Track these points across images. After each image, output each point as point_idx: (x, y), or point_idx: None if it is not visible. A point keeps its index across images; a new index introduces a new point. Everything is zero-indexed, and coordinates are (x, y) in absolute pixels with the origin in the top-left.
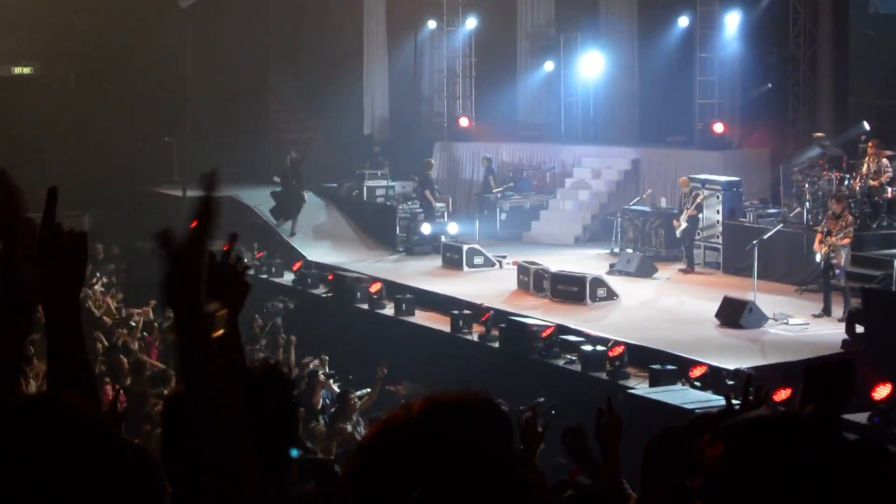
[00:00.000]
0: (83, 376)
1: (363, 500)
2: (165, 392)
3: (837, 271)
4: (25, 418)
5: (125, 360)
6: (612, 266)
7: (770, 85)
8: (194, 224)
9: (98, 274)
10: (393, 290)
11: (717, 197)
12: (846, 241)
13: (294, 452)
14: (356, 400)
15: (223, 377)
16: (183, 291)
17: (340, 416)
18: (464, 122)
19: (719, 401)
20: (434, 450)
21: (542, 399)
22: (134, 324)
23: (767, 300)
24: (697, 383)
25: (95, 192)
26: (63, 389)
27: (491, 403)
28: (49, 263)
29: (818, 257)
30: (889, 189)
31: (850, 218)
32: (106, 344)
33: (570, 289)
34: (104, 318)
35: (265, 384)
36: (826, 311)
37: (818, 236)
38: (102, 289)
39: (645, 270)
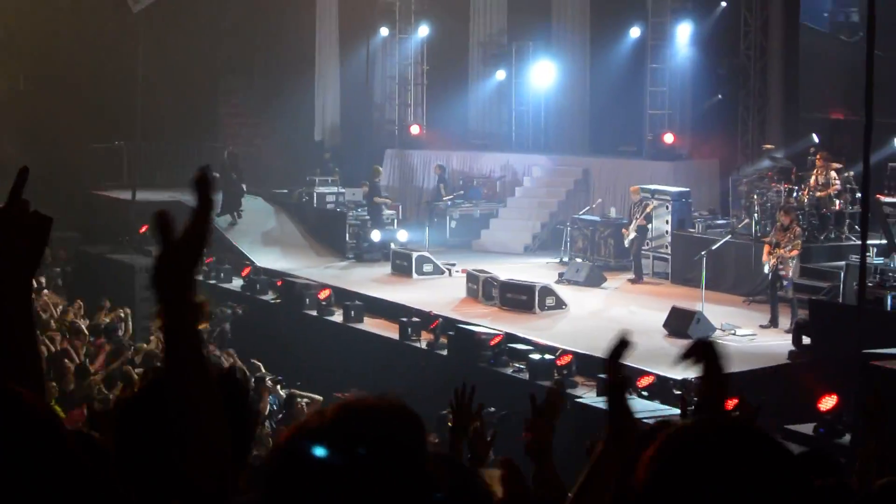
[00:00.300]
0: (32, 362)
1: (275, 501)
2: (112, 396)
3: (785, 283)
4: None
5: (70, 365)
6: (561, 275)
7: (720, 96)
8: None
9: (43, 278)
10: (342, 296)
11: (667, 207)
12: (794, 252)
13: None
14: (303, 404)
15: (208, 368)
16: (177, 279)
17: (287, 420)
18: (415, 129)
19: (666, 410)
20: (345, 453)
21: (492, 409)
22: (78, 329)
23: (715, 311)
24: (645, 393)
25: (44, 195)
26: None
27: (404, 408)
28: (9, 239)
29: (766, 268)
30: (836, 201)
31: (798, 230)
32: (52, 349)
33: (519, 297)
34: (51, 321)
35: (223, 389)
36: (773, 322)
37: (766, 248)
38: (47, 291)
39: (594, 280)
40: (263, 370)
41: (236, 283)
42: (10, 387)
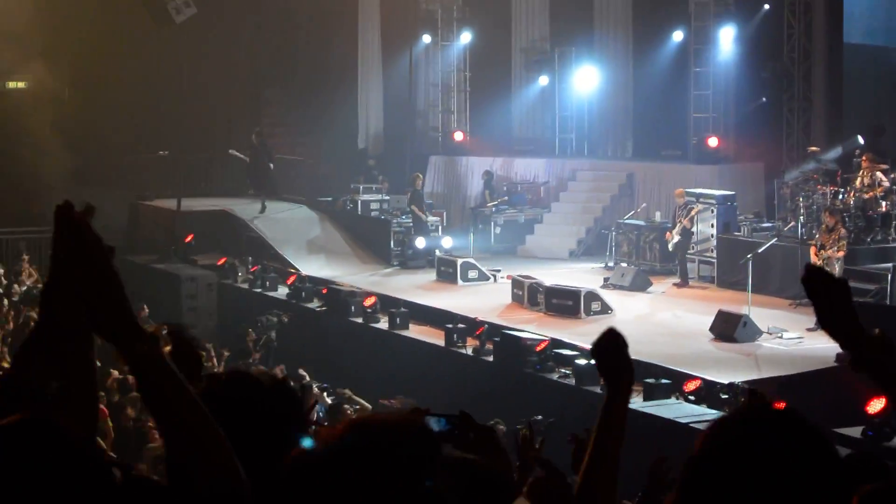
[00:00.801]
0: (88, 379)
1: None
2: None
3: None
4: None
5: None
6: (606, 280)
7: (764, 99)
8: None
9: None
10: (387, 303)
11: (712, 211)
12: (840, 254)
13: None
14: (352, 412)
15: (187, 392)
16: (108, 313)
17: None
18: (458, 136)
19: (714, 415)
20: (352, 470)
21: (539, 417)
22: None
23: (762, 314)
24: (692, 397)
25: (91, 205)
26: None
27: (418, 425)
28: (85, 249)
29: None
30: (883, 203)
31: (844, 231)
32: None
33: (565, 303)
34: None
35: (273, 398)
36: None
37: (812, 249)
38: None
39: (639, 284)
40: (309, 378)
41: (282, 292)
42: (51, 419)
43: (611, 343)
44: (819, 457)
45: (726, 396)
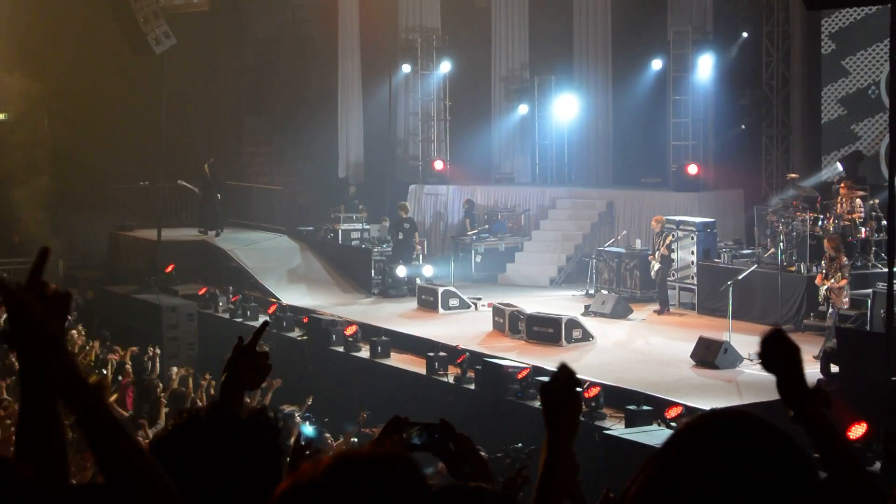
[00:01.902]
0: (54, 440)
1: None
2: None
3: (831, 310)
4: None
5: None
6: (587, 307)
7: (743, 126)
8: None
9: (71, 317)
10: (368, 332)
11: (692, 238)
12: (843, 282)
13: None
14: (332, 441)
15: (147, 465)
16: (54, 371)
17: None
18: (438, 165)
19: None
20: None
21: (519, 445)
22: (105, 371)
23: (742, 340)
24: (673, 424)
25: (69, 237)
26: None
27: (402, 459)
28: (27, 323)
29: (821, 297)
30: (862, 229)
31: (844, 259)
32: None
33: (546, 330)
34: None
35: (252, 429)
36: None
37: (819, 278)
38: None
39: (620, 312)
40: (302, 409)
41: (262, 321)
42: (9, 463)
43: (563, 381)
44: (793, 462)
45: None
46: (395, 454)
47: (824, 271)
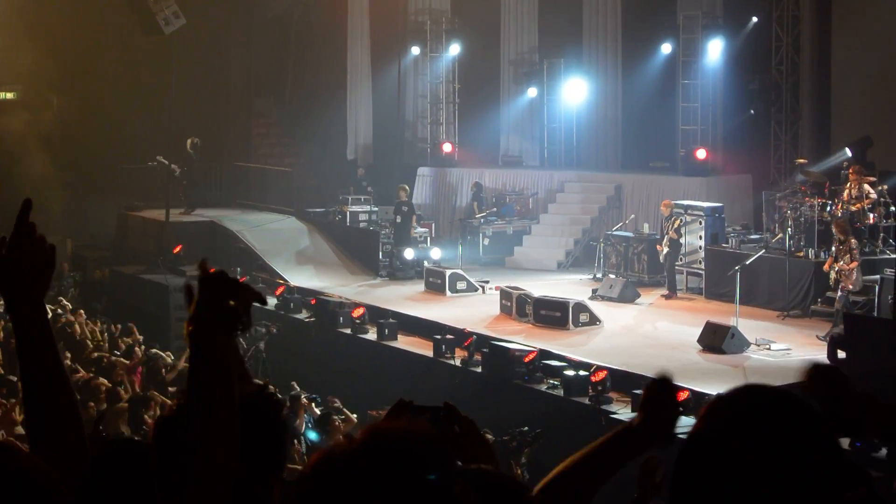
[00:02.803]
0: (58, 382)
1: None
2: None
3: (840, 293)
4: None
5: (103, 383)
6: (594, 291)
7: (752, 111)
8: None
9: (63, 295)
10: (375, 314)
11: (700, 223)
12: (854, 264)
13: (313, 436)
14: (339, 423)
15: (233, 392)
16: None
17: (327, 438)
18: (447, 147)
19: None
20: (373, 479)
21: (525, 428)
22: (118, 352)
23: (750, 325)
24: (680, 408)
25: (78, 217)
26: (9, 441)
27: (434, 435)
28: (17, 266)
29: (830, 279)
30: (871, 215)
31: (854, 241)
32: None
33: (553, 314)
34: (86, 342)
35: (256, 406)
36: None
37: (829, 261)
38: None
39: (627, 296)
40: (298, 388)
41: (270, 302)
42: (8, 448)
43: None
44: (817, 437)
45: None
46: (428, 430)
47: (834, 255)
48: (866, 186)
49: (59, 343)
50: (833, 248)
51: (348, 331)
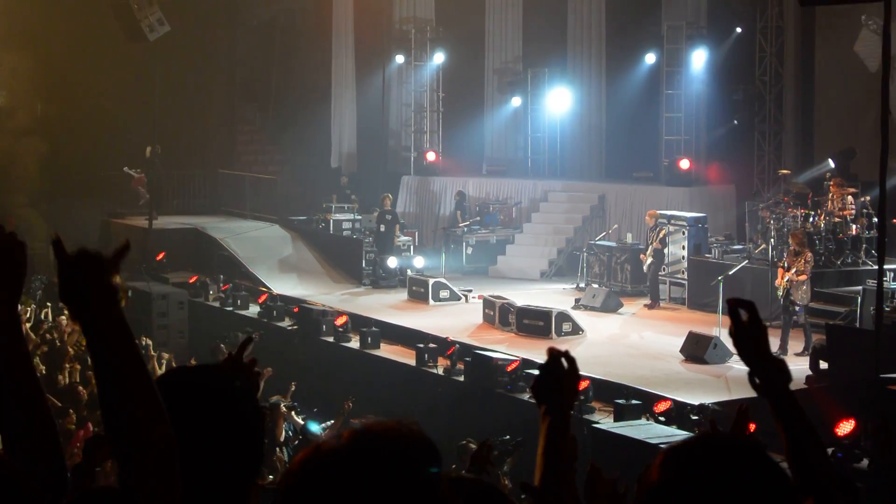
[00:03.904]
0: (28, 386)
1: None
2: None
3: (797, 308)
4: None
5: (83, 391)
6: (577, 301)
7: (736, 122)
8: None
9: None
10: (358, 322)
11: (683, 233)
12: (803, 277)
13: (313, 427)
14: (320, 433)
15: (141, 362)
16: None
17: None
18: (431, 156)
19: (684, 435)
20: (359, 476)
21: (507, 437)
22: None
23: None
24: (662, 418)
25: (61, 223)
26: None
27: (419, 433)
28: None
29: (780, 293)
30: (853, 226)
31: (809, 254)
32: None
33: (536, 323)
34: (69, 349)
35: (235, 410)
36: (782, 349)
37: (780, 272)
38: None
39: (610, 305)
40: (286, 397)
41: (253, 310)
42: None
43: (557, 366)
44: (774, 484)
45: (696, 417)
46: (414, 428)
47: (786, 266)
48: (849, 198)
49: (42, 349)
50: (785, 259)
51: (331, 339)
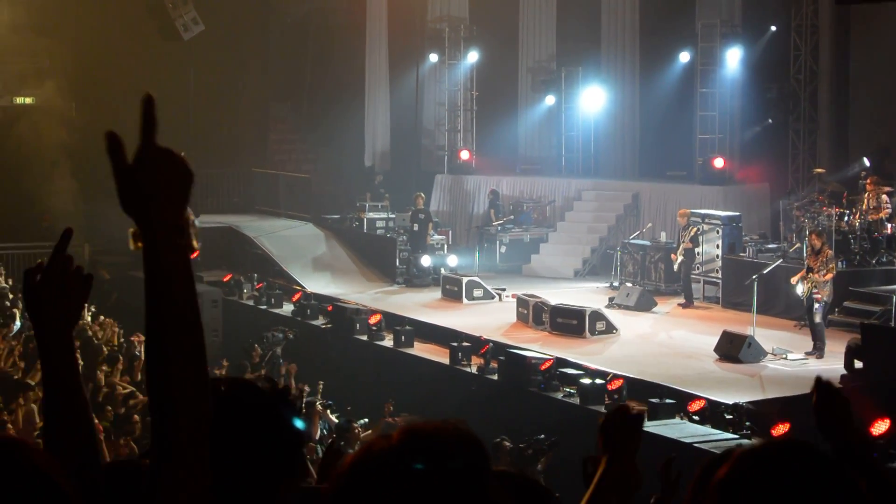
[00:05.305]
0: (79, 413)
1: None
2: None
3: (817, 306)
4: None
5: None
6: (611, 300)
7: (770, 120)
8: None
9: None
10: (392, 321)
11: (717, 231)
12: (828, 276)
13: (299, 424)
14: (360, 429)
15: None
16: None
17: (346, 446)
18: (464, 155)
19: (717, 435)
20: (412, 477)
21: (542, 436)
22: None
23: (766, 335)
24: (696, 417)
25: (97, 222)
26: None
27: (468, 433)
28: (50, 296)
29: (798, 291)
30: (888, 225)
31: (830, 253)
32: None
33: (570, 322)
34: (103, 347)
35: (270, 407)
36: (817, 349)
37: (801, 273)
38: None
39: (644, 304)
40: (314, 395)
41: (287, 309)
42: (19, 444)
43: (623, 419)
44: (844, 493)
45: (730, 417)
46: (462, 428)
47: (807, 266)
48: (884, 196)
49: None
50: (806, 259)
51: (365, 337)
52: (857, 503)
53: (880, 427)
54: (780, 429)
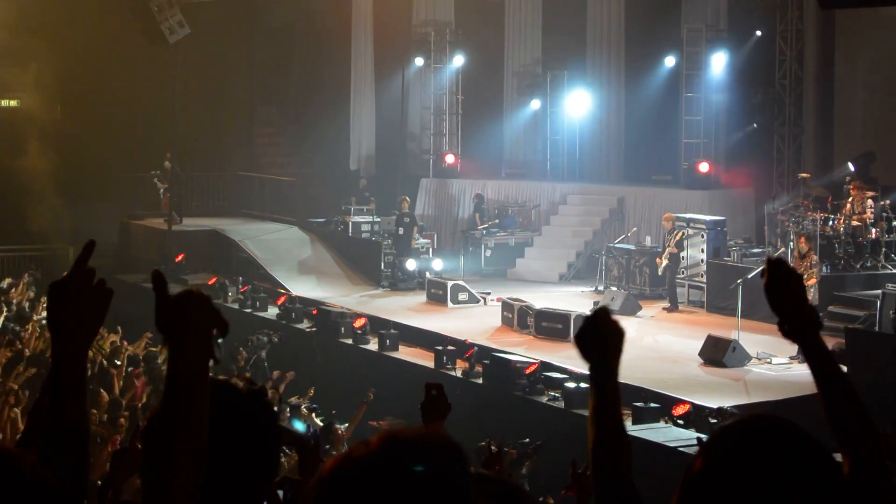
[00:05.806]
0: (79, 429)
1: None
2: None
3: None
4: None
5: (105, 394)
6: (596, 304)
7: (755, 125)
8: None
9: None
10: (377, 325)
11: (702, 236)
12: (811, 281)
13: (298, 425)
14: (342, 430)
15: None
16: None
17: (330, 448)
18: (450, 158)
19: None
20: (391, 483)
21: (527, 439)
22: (119, 361)
23: (751, 339)
24: (680, 421)
25: (81, 225)
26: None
27: (447, 438)
28: (70, 308)
29: None
30: (872, 229)
31: (815, 257)
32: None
33: (555, 326)
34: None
35: (248, 411)
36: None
37: None
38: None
39: (629, 308)
40: (303, 398)
41: (272, 312)
42: (11, 453)
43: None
44: (822, 468)
45: (715, 421)
46: (441, 434)
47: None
48: (868, 201)
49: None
50: (791, 263)
51: (349, 341)
52: (836, 479)
53: None
54: None
